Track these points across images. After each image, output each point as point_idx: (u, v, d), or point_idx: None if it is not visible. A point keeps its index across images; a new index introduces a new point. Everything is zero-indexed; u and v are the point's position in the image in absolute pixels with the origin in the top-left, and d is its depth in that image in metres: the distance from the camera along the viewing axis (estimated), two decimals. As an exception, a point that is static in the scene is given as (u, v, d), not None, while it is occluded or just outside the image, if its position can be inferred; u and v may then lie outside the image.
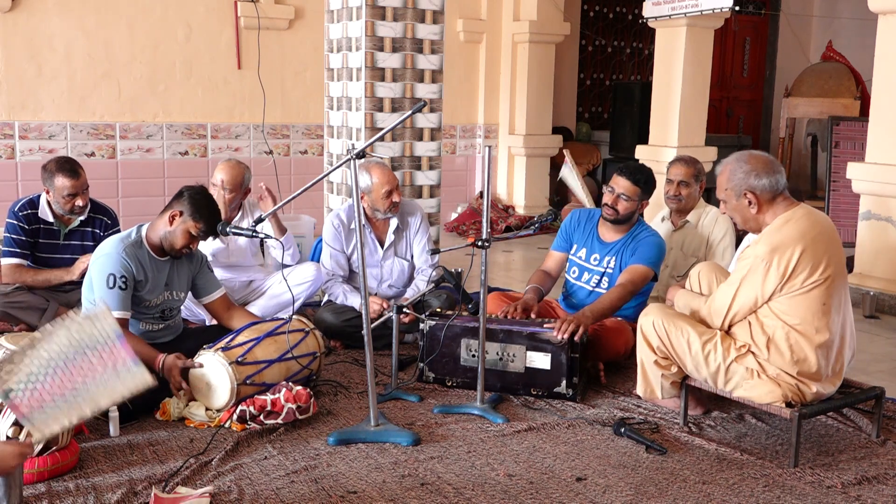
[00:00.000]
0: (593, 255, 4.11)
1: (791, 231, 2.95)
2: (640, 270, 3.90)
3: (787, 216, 3.00)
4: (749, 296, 3.01)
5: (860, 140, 6.92)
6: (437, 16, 5.20)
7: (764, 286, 2.96)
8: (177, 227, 3.49)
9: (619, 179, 3.96)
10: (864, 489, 2.84)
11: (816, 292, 2.93)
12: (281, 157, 7.56)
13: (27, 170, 6.52)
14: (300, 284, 4.39)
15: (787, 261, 2.91)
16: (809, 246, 2.92)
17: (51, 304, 4.33)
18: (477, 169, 8.95)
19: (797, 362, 2.97)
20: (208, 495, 2.65)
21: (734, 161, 3.09)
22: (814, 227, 2.96)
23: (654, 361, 3.25)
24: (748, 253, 3.03)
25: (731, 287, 3.06)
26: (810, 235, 2.94)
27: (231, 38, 7.25)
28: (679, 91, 6.90)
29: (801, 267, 2.91)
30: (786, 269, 2.92)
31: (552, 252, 4.29)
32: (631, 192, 3.93)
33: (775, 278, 2.93)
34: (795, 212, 3.01)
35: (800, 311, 2.95)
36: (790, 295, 2.95)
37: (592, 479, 2.89)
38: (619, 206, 3.95)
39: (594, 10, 9.91)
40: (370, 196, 4.26)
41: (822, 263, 2.92)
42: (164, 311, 3.64)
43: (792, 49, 10.55)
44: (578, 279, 4.16)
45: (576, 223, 4.21)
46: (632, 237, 4.02)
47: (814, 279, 2.92)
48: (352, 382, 3.82)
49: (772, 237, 2.97)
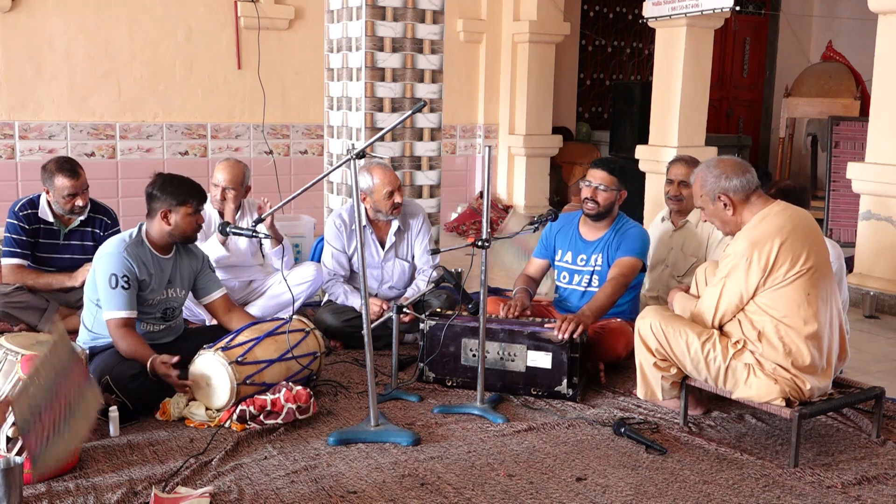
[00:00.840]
0: (580, 255, 4.14)
1: (768, 226, 3.00)
2: (628, 262, 3.96)
3: (763, 213, 3.05)
4: (734, 293, 3.04)
5: (860, 140, 6.92)
6: (437, 16, 5.20)
7: (747, 281, 3.00)
8: (176, 221, 3.51)
9: (594, 171, 4.04)
10: (864, 489, 2.84)
11: (799, 283, 2.97)
12: (281, 157, 7.56)
13: (27, 170, 6.52)
14: (300, 284, 4.39)
15: (766, 254, 2.96)
16: (788, 238, 2.97)
17: (51, 304, 4.33)
18: (477, 169, 8.95)
19: (789, 354, 2.99)
20: (208, 495, 2.65)
21: (704, 168, 3.17)
22: (790, 221, 3.02)
23: (654, 364, 3.26)
24: (728, 251, 3.09)
25: (716, 287, 3.11)
26: (787, 228, 2.99)
27: (231, 38, 7.25)
28: (679, 91, 6.90)
29: (782, 259, 2.96)
30: (766, 263, 2.96)
31: (533, 259, 4.36)
32: (608, 182, 3.99)
33: (757, 272, 2.97)
34: (772, 208, 3.07)
35: (784, 303, 2.98)
36: (774, 288, 2.98)
37: (592, 479, 2.89)
38: (598, 197, 4.00)
39: (594, 10, 9.91)
40: (372, 197, 4.26)
41: (801, 255, 2.97)
42: (165, 310, 3.64)
43: (792, 49, 10.54)
44: (570, 283, 4.19)
45: (556, 229, 4.26)
46: (615, 232, 4.07)
47: (795, 270, 2.96)
48: (352, 382, 3.82)
49: (750, 233, 3.02)
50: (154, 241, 3.55)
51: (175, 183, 3.54)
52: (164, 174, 3.59)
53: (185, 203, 3.50)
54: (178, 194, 3.50)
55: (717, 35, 7.48)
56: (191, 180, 3.61)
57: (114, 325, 3.39)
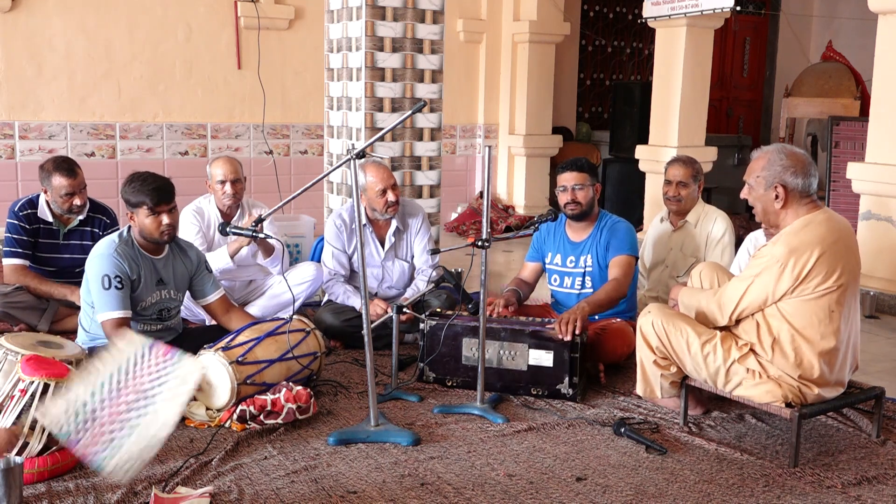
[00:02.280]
0: (568, 257, 4.16)
1: (810, 235, 2.92)
2: (624, 260, 3.99)
3: (807, 219, 2.97)
4: (759, 294, 2.99)
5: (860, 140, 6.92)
6: (437, 16, 5.20)
7: (776, 286, 2.94)
8: (140, 222, 3.49)
9: (564, 175, 4.07)
10: (864, 489, 2.84)
11: (826, 299, 2.92)
12: (281, 157, 7.56)
13: (27, 170, 6.52)
14: (300, 284, 4.39)
15: (802, 264, 2.89)
16: (827, 251, 2.90)
17: (51, 305, 4.33)
18: (477, 169, 8.95)
19: (799, 366, 2.96)
20: (208, 495, 2.65)
21: (775, 151, 3.03)
22: (832, 233, 2.94)
23: (654, 361, 3.25)
24: (765, 252, 3.01)
25: (742, 282, 3.04)
26: (829, 241, 2.92)
27: (231, 38, 7.25)
28: (679, 91, 6.90)
29: (816, 272, 2.89)
30: (800, 273, 2.90)
31: (526, 263, 4.37)
32: (581, 180, 4.02)
33: (789, 280, 2.92)
34: (817, 216, 2.98)
35: (807, 315, 2.94)
36: (801, 299, 2.93)
37: (592, 479, 2.89)
38: (578, 197, 4.03)
39: (594, 10, 9.91)
40: (366, 195, 4.26)
41: (836, 271, 2.91)
42: (160, 311, 3.64)
43: (792, 49, 10.54)
44: (562, 286, 4.20)
45: (545, 233, 4.28)
46: (599, 230, 4.10)
47: (827, 285, 2.90)
48: (352, 382, 3.82)
49: (790, 239, 2.94)
50: (140, 242, 3.55)
51: (132, 183, 3.47)
52: (131, 175, 3.52)
53: (139, 205, 3.45)
54: (133, 195, 3.46)
55: (717, 35, 7.48)
56: (153, 179, 3.50)
57: (109, 326, 3.39)
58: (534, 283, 4.35)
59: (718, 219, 4.48)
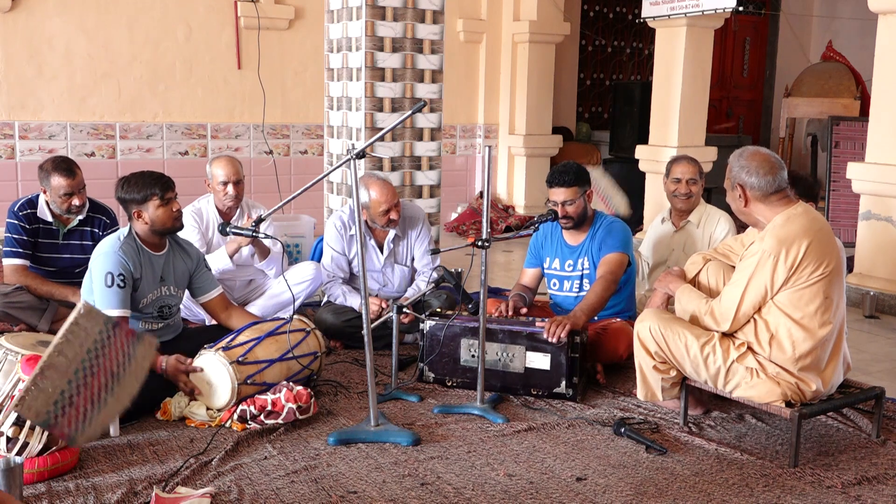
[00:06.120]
0: (566, 261, 4.15)
1: (794, 226, 2.98)
2: (614, 258, 3.97)
3: (787, 213, 3.03)
4: (758, 291, 3.00)
5: (860, 140, 6.92)
6: (437, 16, 5.20)
7: (773, 278, 2.97)
8: (151, 217, 3.51)
9: (554, 191, 4.00)
10: (864, 489, 2.84)
11: (820, 285, 2.96)
12: (281, 157, 7.56)
13: (27, 170, 6.52)
14: (300, 283, 4.39)
15: (795, 253, 2.94)
16: (814, 240, 2.96)
17: (51, 305, 4.33)
18: (477, 169, 8.95)
19: (799, 359, 2.98)
20: (208, 495, 2.65)
21: (736, 154, 3.16)
22: (814, 223, 3.01)
23: (653, 366, 3.26)
24: (754, 249, 3.03)
25: (737, 287, 3.04)
26: (814, 229, 2.98)
27: (231, 38, 7.25)
28: (679, 91, 6.90)
29: (808, 260, 2.94)
30: (794, 262, 2.94)
31: (525, 269, 4.35)
32: (571, 195, 3.97)
33: (784, 270, 2.95)
34: (795, 209, 3.04)
35: (804, 304, 2.96)
36: (795, 288, 2.97)
37: (592, 479, 2.89)
38: (569, 212, 4.00)
39: (594, 10, 9.91)
40: (368, 211, 4.25)
41: (826, 258, 2.96)
42: (161, 308, 3.65)
43: (792, 49, 10.55)
44: (561, 290, 4.20)
45: (542, 238, 4.26)
46: (595, 232, 4.09)
47: (819, 273, 2.95)
48: (352, 382, 3.82)
49: (777, 232, 2.99)
50: (143, 240, 3.56)
51: (133, 181, 3.52)
52: (124, 178, 3.56)
53: (149, 198, 3.49)
54: (139, 191, 3.49)
55: (717, 35, 7.49)
56: (150, 172, 3.57)
57: None
58: (535, 288, 4.33)
59: (721, 219, 4.49)
